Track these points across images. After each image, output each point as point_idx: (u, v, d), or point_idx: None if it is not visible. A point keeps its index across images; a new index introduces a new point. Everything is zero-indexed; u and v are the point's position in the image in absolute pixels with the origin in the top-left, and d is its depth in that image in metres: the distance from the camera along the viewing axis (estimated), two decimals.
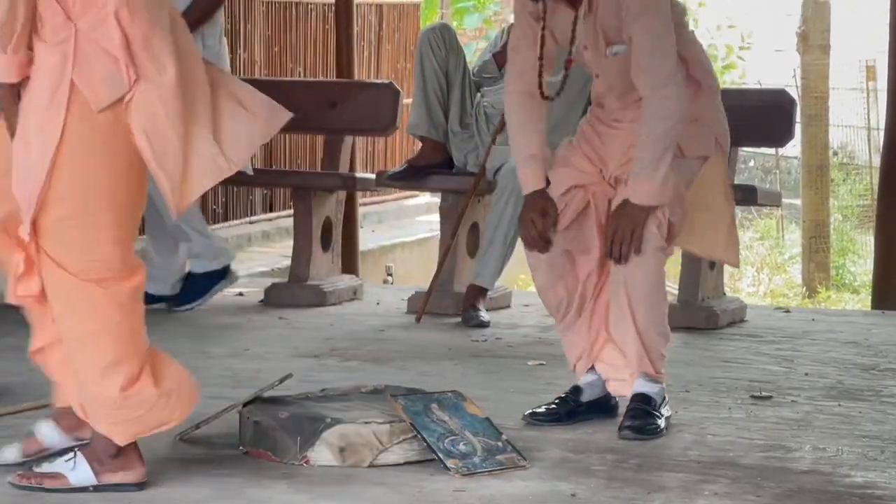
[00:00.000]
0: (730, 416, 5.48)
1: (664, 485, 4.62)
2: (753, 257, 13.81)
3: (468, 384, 5.41)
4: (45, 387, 5.58)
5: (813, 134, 13.17)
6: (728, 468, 4.81)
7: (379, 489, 4.48)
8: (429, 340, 6.81)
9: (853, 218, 14.60)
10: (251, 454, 4.81)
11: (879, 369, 6.39)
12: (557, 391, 5.54)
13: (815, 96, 13.32)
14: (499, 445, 4.81)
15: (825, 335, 7.20)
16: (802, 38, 13.59)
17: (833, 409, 5.65)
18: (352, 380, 5.62)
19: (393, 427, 4.77)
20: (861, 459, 4.94)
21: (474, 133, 7.42)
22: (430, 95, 7.45)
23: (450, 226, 7.50)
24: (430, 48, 7.53)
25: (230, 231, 10.92)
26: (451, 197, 7.57)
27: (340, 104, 8.06)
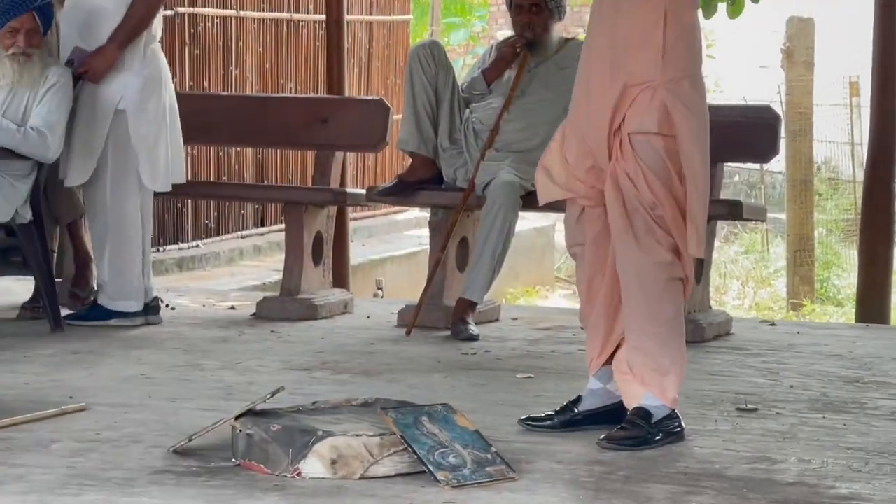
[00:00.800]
0: (716, 429, 5.47)
1: (651, 496, 4.62)
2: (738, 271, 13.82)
3: (458, 397, 5.42)
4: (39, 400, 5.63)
5: (797, 149, 13.20)
6: (714, 480, 4.81)
7: (370, 501, 4.48)
8: (418, 353, 6.81)
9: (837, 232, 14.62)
10: (243, 466, 4.80)
11: (864, 382, 6.39)
12: (546, 403, 5.55)
13: (800, 112, 13.35)
14: (488, 458, 4.81)
15: (810, 348, 7.20)
16: (787, 55, 13.62)
17: (818, 422, 5.65)
18: (343, 393, 5.63)
19: (383, 440, 4.76)
20: (846, 471, 4.94)
21: (463, 149, 7.43)
22: (419, 111, 7.46)
23: (439, 240, 7.50)
24: (419, 65, 7.54)
25: (222, 245, 10.95)
26: (440, 212, 7.58)
27: (331, 120, 8.06)
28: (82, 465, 4.85)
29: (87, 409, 5.56)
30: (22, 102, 6.88)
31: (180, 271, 10.21)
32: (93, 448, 5.05)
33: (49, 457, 4.94)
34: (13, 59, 6.85)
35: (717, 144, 7.31)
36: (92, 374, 6.22)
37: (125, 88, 7.11)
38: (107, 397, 5.77)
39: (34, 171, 6.96)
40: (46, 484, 4.61)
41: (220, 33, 10.94)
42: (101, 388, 5.94)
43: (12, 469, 4.75)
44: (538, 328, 7.51)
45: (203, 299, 8.33)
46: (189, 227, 10.84)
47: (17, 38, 6.85)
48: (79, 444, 5.11)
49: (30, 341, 6.86)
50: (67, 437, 5.18)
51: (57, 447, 5.05)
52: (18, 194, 6.95)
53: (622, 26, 5.17)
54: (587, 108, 5.26)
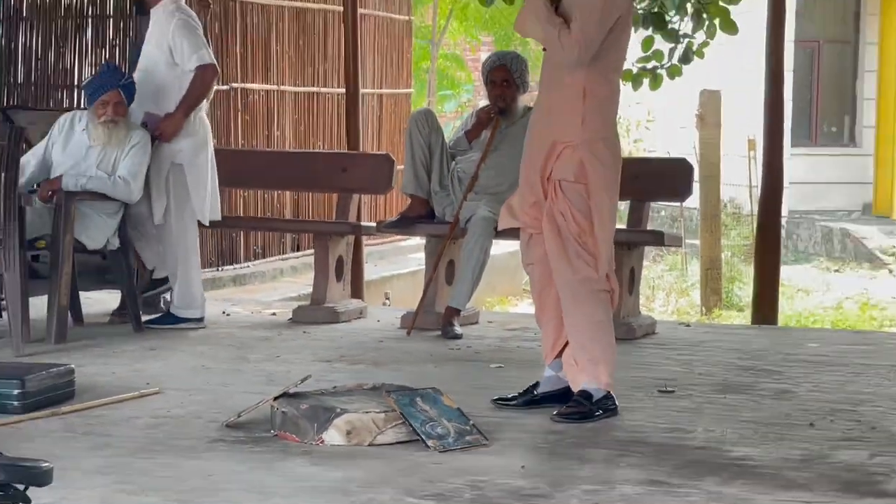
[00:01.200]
0: (642, 406, 5.48)
1: (592, 458, 4.64)
2: (663, 284, 13.83)
3: (444, 382, 5.42)
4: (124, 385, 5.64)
5: (708, 191, 13.21)
6: (640, 445, 4.83)
7: (376, 462, 4.51)
8: (416, 349, 6.80)
9: (739, 254, 14.62)
10: (279, 436, 4.82)
11: (756, 370, 6.38)
12: (513, 387, 5.53)
13: (711, 162, 13.37)
14: (467, 429, 4.82)
15: (715, 344, 7.19)
16: (700, 119, 13.65)
17: (720, 401, 5.65)
18: (356, 379, 5.62)
19: (387, 415, 4.78)
20: (740, 438, 4.95)
21: (450, 192, 7.42)
22: (416, 163, 7.46)
23: (432, 262, 7.50)
24: (417, 128, 7.55)
25: (267, 266, 10.94)
26: (433, 240, 7.57)
27: (349, 169, 8.06)
28: (156, 435, 4.87)
29: (160, 392, 5.57)
30: (111, 158, 6.89)
31: (234, 286, 10.21)
32: (164, 422, 5.07)
33: (131, 429, 4.96)
34: (104, 125, 6.86)
35: (647, 187, 7.42)
36: (164, 365, 6.22)
37: (182, 147, 7.13)
38: (175, 383, 5.77)
39: (121, 210, 6.97)
40: (129, 450, 4.64)
41: (264, 103, 10.96)
42: (172, 376, 5.94)
43: (103, 438, 4.78)
44: (508, 329, 7.51)
45: (251, 307, 8.33)
46: (241, 252, 10.84)
47: (107, 109, 6.86)
48: (153, 419, 5.12)
49: (117, 340, 6.86)
50: (145, 414, 5.20)
51: (137, 422, 5.06)
52: (109, 227, 6.96)
53: (554, 98, 5.23)
54: (529, 158, 5.30)
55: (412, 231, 8.05)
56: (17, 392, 5.10)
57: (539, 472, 4.45)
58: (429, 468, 4.43)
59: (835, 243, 16.51)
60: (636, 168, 7.28)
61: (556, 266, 5.18)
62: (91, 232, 6.88)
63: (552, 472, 4.45)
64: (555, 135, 5.17)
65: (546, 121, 5.23)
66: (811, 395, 5.81)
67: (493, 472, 4.40)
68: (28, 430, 4.89)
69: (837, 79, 18.45)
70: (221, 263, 10.53)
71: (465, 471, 4.41)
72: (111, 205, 6.91)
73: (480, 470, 4.43)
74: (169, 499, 4.06)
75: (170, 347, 6.68)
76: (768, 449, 4.80)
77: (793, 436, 5.01)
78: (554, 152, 5.17)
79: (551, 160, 5.17)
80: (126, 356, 6.42)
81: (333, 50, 11.51)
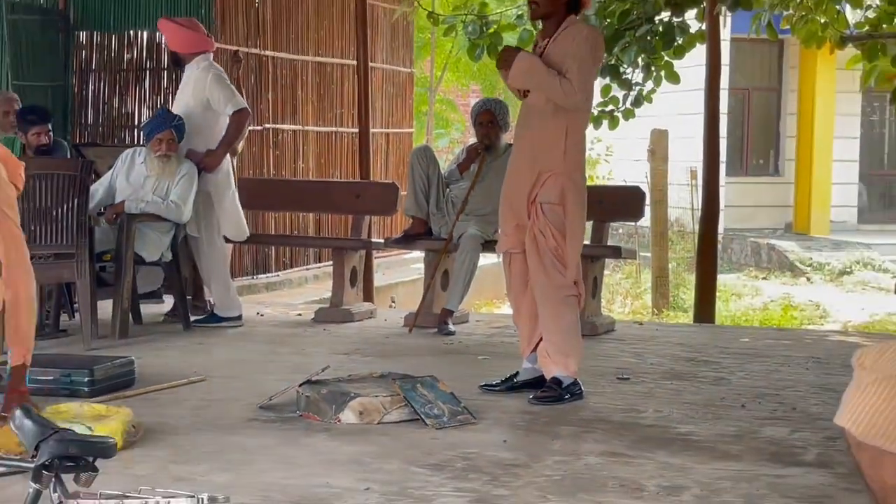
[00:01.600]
0: (603, 391, 5.48)
1: (562, 434, 4.65)
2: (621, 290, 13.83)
3: (440, 371, 5.42)
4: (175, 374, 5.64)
5: (657, 212, 13.19)
6: (601, 423, 4.84)
7: (384, 437, 4.52)
8: (416, 344, 6.81)
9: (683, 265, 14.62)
10: (304, 416, 4.82)
11: (697, 361, 6.39)
12: (497, 375, 5.54)
13: (659, 189, 13.36)
14: (459, 410, 4.84)
15: (664, 339, 7.21)
16: (651, 153, 13.67)
17: (667, 386, 5.66)
18: (367, 369, 5.62)
19: (393, 399, 4.79)
20: (685, 417, 4.96)
21: (445, 214, 7.43)
22: (417, 190, 7.46)
23: (430, 272, 7.50)
24: (417, 161, 7.55)
25: (294, 274, 10.92)
26: (430, 254, 7.57)
27: (362, 196, 8.05)
28: (202, 414, 4.88)
29: (205, 379, 5.57)
30: (165, 186, 6.89)
31: (267, 291, 10.20)
32: (208, 404, 5.08)
33: (181, 409, 4.96)
34: (159, 158, 6.87)
35: (607, 209, 7.42)
36: (209, 357, 6.22)
37: (212, 179, 7.14)
38: (218, 372, 5.77)
39: (173, 228, 6.97)
40: (180, 427, 4.64)
41: (291, 141, 10.97)
42: (215, 366, 5.94)
43: (158, 417, 4.77)
44: (493, 327, 7.52)
45: (281, 309, 8.34)
46: (273, 263, 10.83)
47: (162, 145, 6.86)
48: (200, 401, 5.13)
49: (170, 336, 6.87)
50: (193, 397, 5.21)
51: (186, 404, 5.07)
52: (164, 243, 6.96)
53: (538, 136, 5.22)
54: (515, 186, 5.29)
55: (413, 246, 8.04)
56: (86, 380, 5.12)
57: (518, 446, 4.46)
58: (428, 443, 4.44)
59: (762, 256, 16.53)
60: (599, 194, 7.31)
61: (534, 275, 5.19)
62: (148, 247, 6.88)
63: (529, 446, 4.47)
64: (540, 165, 5.18)
65: (531, 155, 5.21)
66: (742, 381, 5.82)
67: (481, 446, 4.41)
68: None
69: (764, 120, 18.50)
70: (256, 273, 10.52)
71: (458, 445, 4.42)
72: (164, 224, 6.91)
73: (470, 444, 4.44)
74: (213, 467, 4.07)
75: (213, 343, 6.68)
76: (707, 426, 4.82)
77: (727, 415, 5.03)
78: (539, 180, 5.17)
79: (537, 186, 5.18)
80: (177, 350, 6.43)
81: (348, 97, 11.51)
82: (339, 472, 4.03)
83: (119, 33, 9.45)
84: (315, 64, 11.27)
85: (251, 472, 4.03)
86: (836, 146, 17.76)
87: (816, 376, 5.99)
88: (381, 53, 12.20)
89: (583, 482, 3.97)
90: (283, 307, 8.53)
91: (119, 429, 4.23)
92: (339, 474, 4.01)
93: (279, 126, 10.79)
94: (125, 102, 9.93)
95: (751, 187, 17.86)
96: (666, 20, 9.50)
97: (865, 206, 18.61)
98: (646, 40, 9.47)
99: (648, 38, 9.47)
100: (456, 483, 3.94)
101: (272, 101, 10.67)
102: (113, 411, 4.47)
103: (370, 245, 8.14)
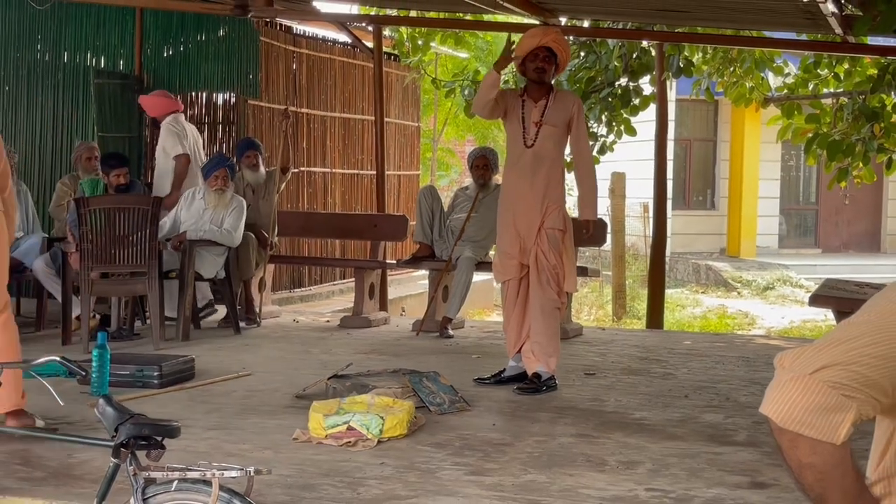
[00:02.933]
0: (573, 384, 5.47)
1: (540, 419, 4.65)
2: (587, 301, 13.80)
3: (442, 367, 5.43)
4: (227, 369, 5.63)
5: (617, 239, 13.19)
6: (572, 411, 4.83)
7: None
8: (422, 345, 6.81)
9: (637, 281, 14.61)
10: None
11: (649, 359, 6.38)
12: (489, 370, 5.54)
13: (618, 220, 13.34)
14: (457, 399, 4.83)
15: (622, 341, 7.21)
16: (612, 192, 13.68)
17: (626, 380, 5.65)
18: (383, 366, 5.63)
19: (404, 389, 4.78)
20: (640, 405, 4.96)
21: (446, 240, 7.43)
22: (423, 222, 7.47)
23: (433, 287, 7.50)
24: (424, 198, 7.57)
25: (323, 289, 10.88)
26: (434, 272, 7.57)
27: (379, 225, 8.07)
28: (247, 403, 4.87)
29: (251, 374, 5.57)
30: (220, 216, 6.91)
31: (301, 302, 10.17)
32: (253, 395, 5.06)
33: (230, 399, 4.95)
34: (216, 192, 6.90)
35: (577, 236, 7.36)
36: (255, 355, 6.21)
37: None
38: (261, 368, 5.76)
39: (226, 252, 6.97)
40: (230, 413, 4.63)
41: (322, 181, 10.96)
42: (259, 363, 5.93)
43: (211, 405, 4.77)
44: (484, 332, 7.52)
45: (313, 317, 8.33)
46: (306, 279, 10.82)
47: (218, 181, 6.90)
48: (246, 392, 5.12)
49: (222, 338, 6.86)
50: (241, 389, 5.19)
51: (235, 394, 5.06)
52: (218, 263, 6.96)
53: (543, 177, 5.21)
54: (526, 217, 5.21)
55: (420, 266, 8.04)
56: (156, 374, 5.11)
57: (505, 429, 4.46)
58: (431, 425, 4.44)
59: (701, 274, 16.52)
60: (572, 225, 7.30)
61: (533, 287, 5.21)
62: (206, 266, 6.88)
63: (514, 428, 4.46)
64: (548, 200, 5.22)
65: (543, 192, 5.21)
66: (686, 376, 5.82)
67: (474, 428, 4.41)
68: (163, 400, 4.89)
69: (702, 164, 18.53)
70: (293, 287, 10.51)
71: (456, 427, 4.42)
72: (219, 248, 6.92)
73: (466, 427, 4.44)
74: (258, 446, 4.06)
75: (258, 344, 6.67)
76: (657, 412, 4.81)
77: (673, 404, 5.02)
78: (548, 211, 5.21)
79: (545, 216, 5.21)
80: (228, 350, 6.42)
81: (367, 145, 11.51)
82: (359, 450, 4.02)
83: (183, 93, 9.46)
84: (341, 119, 11.29)
85: (289, 449, 4.03)
86: (761, 186, 17.85)
87: (745, 372, 5.99)
88: (394, 110, 12.21)
89: (557, 458, 3.96)
90: (315, 315, 8.52)
91: (405, 418, 4.18)
92: (359, 451, 4.00)
93: (312, 169, 10.80)
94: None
95: (692, 219, 17.88)
96: (624, 85, 9.55)
97: (785, 234, 18.63)
98: (608, 101, 9.51)
99: (610, 99, 9.52)
100: (454, 458, 3.93)
101: (306, 149, 10.68)
102: (399, 404, 4.33)
103: (385, 265, 8.15)
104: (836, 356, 1.31)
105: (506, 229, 5.34)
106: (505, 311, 5.42)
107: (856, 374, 1.30)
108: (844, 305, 5.74)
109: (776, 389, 1.32)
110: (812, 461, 1.30)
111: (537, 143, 5.22)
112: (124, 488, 2.54)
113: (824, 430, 1.28)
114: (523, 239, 5.24)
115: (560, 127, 5.20)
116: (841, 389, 1.29)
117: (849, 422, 1.29)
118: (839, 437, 1.29)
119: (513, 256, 5.28)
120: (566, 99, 5.29)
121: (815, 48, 9.15)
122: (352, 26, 10.30)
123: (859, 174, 9.28)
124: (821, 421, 1.28)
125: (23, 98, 8.95)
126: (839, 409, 1.28)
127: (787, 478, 3.62)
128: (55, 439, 2.88)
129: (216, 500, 2.42)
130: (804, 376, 1.30)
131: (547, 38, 5.16)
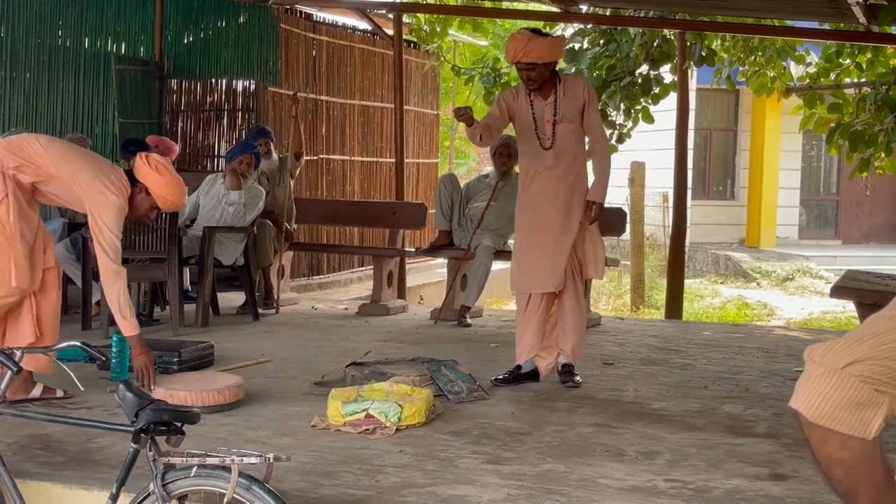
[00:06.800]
0: (591, 374, 5.45)
1: (558, 408, 4.63)
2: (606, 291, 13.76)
3: (459, 356, 5.42)
4: (246, 356, 5.64)
5: (636, 229, 13.13)
6: (590, 400, 4.82)
7: None
8: (440, 333, 6.81)
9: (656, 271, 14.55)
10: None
11: (668, 349, 6.36)
12: (505, 360, 5.49)
13: (637, 210, 13.27)
14: (474, 388, 4.82)
15: (641, 331, 7.18)
16: (631, 181, 13.61)
17: (644, 370, 5.63)
18: (401, 353, 5.63)
19: (422, 377, 4.77)
20: (658, 396, 4.94)
21: (465, 228, 7.42)
22: (443, 209, 7.44)
23: (452, 275, 7.49)
24: (443, 186, 7.53)
25: (342, 276, 10.91)
26: (452, 260, 7.56)
27: (398, 213, 8.05)
28: (267, 389, 4.87)
29: (270, 361, 5.57)
30: (241, 198, 6.94)
31: (320, 290, 10.19)
32: (273, 381, 5.07)
33: (250, 385, 4.91)
34: (241, 176, 6.93)
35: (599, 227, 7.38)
36: (274, 342, 6.22)
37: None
38: (280, 354, 5.77)
39: (245, 238, 6.99)
40: (249, 399, 4.62)
41: (341, 168, 10.97)
42: (278, 349, 5.94)
43: None
44: (502, 320, 7.50)
45: (331, 304, 8.34)
46: (325, 267, 10.84)
47: (242, 165, 6.93)
48: (266, 378, 5.12)
49: (242, 325, 6.88)
50: (260, 375, 5.20)
51: (254, 380, 5.04)
52: (237, 249, 6.97)
53: (568, 176, 4.99)
54: (561, 226, 4.99)
55: (438, 254, 8.01)
56: (175, 360, 5.12)
57: (523, 418, 4.44)
58: (449, 413, 4.43)
59: (720, 265, 16.43)
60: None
61: (569, 290, 5.03)
62: (225, 253, 6.90)
63: (532, 417, 4.45)
64: (575, 197, 5.00)
65: (566, 193, 4.98)
66: (705, 367, 5.79)
67: (492, 417, 4.40)
68: None
69: (723, 154, 18.41)
70: (311, 274, 10.53)
71: (474, 416, 4.41)
72: (238, 235, 6.93)
73: (484, 415, 4.43)
74: (277, 432, 4.07)
75: (277, 331, 6.68)
76: (676, 403, 4.79)
77: (692, 394, 5.00)
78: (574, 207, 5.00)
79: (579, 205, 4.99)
80: (247, 336, 6.43)
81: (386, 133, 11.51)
82: (377, 437, 4.01)
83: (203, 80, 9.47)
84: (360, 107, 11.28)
85: (307, 436, 4.03)
86: (781, 176, 17.72)
87: (765, 363, 5.95)
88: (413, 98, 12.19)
89: (575, 447, 3.95)
90: (333, 303, 8.53)
91: (423, 407, 4.17)
92: (378, 439, 3.99)
93: (331, 156, 10.80)
94: (207, 136, 9.95)
95: (712, 209, 17.78)
96: (645, 73, 9.48)
97: (804, 225, 18.50)
98: (628, 89, 9.44)
99: (630, 87, 9.45)
100: (473, 447, 3.92)
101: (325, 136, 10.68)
102: (417, 392, 4.30)
103: (403, 253, 8.14)
104: (868, 351, 1.29)
105: (528, 243, 5.04)
106: (523, 320, 5.10)
107: (887, 369, 1.27)
108: (866, 297, 5.69)
109: (807, 383, 1.30)
110: (842, 456, 1.28)
111: (557, 144, 4.98)
112: (144, 473, 2.54)
113: (855, 426, 1.26)
114: (562, 251, 4.96)
115: (576, 121, 4.98)
116: (873, 384, 1.26)
117: (881, 417, 1.26)
118: (870, 432, 1.26)
119: (534, 273, 5.00)
120: (575, 86, 5.00)
121: (839, 38, 9.06)
122: (371, 13, 10.27)
123: (881, 165, 9.19)
124: (852, 416, 1.25)
125: (44, 84, 8.98)
126: (871, 405, 1.26)
127: (808, 470, 3.61)
128: (75, 424, 2.89)
129: (235, 486, 2.42)
130: (836, 371, 1.27)
131: (519, 54, 4.84)
